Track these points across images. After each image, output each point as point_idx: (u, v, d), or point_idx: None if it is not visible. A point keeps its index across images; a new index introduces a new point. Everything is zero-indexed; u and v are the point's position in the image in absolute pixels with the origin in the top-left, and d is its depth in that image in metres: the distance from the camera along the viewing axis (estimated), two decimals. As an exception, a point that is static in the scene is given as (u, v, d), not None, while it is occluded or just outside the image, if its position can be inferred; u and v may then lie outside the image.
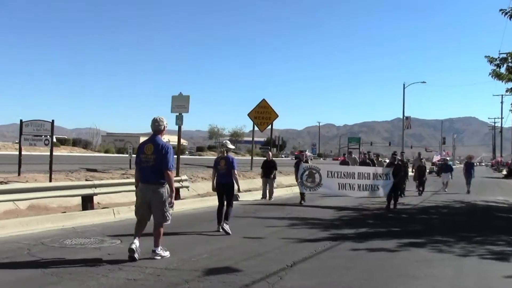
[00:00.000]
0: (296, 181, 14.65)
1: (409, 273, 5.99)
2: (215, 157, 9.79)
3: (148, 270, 5.72)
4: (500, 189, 23.74)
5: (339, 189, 14.31)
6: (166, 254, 6.37)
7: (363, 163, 17.44)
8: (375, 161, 18.93)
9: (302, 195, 14.35)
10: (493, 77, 17.11)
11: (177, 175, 16.80)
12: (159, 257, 6.27)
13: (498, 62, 16.69)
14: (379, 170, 14.54)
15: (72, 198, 11.14)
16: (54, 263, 5.94)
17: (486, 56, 16.72)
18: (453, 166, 24.41)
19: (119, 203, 12.53)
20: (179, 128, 17.49)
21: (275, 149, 73.88)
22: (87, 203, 10.21)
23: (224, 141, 9.28)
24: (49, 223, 8.80)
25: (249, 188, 18.14)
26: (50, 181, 12.74)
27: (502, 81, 16.81)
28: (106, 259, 6.20)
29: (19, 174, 13.81)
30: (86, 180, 15.14)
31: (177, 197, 13.29)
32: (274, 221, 10.36)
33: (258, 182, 18.14)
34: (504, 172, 49.35)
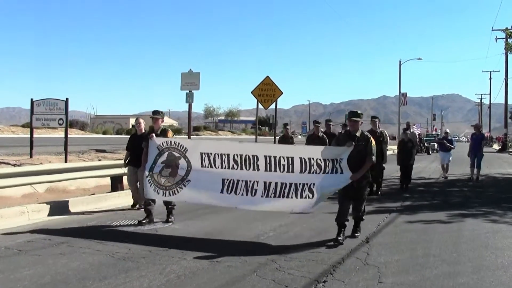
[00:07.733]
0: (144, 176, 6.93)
1: (490, 244, 5.79)
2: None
3: (224, 250, 5.35)
4: (506, 164, 23.80)
5: (222, 191, 6.33)
6: None
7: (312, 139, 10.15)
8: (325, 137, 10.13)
9: (147, 208, 7.05)
10: (509, 51, 16.88)
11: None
12: None
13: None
14: (317, 152, 6.01)
15: (89, 180, 10.63)
16: (116, 246, 5.51)
17: (504, 30, 16.42)
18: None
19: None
20: (190, 105, 16.99)
21: (267, 128, 73.33)
22: (117, 183, 9.72)
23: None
24: (83, 205, 8.34)
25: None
26: (66, 162, 12.17)
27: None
28: (171, 242, 5.81)
29: (31, 157, 13.16)
30: (99, 160, 14.63)
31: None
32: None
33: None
34: (497, 146, 50.14)
